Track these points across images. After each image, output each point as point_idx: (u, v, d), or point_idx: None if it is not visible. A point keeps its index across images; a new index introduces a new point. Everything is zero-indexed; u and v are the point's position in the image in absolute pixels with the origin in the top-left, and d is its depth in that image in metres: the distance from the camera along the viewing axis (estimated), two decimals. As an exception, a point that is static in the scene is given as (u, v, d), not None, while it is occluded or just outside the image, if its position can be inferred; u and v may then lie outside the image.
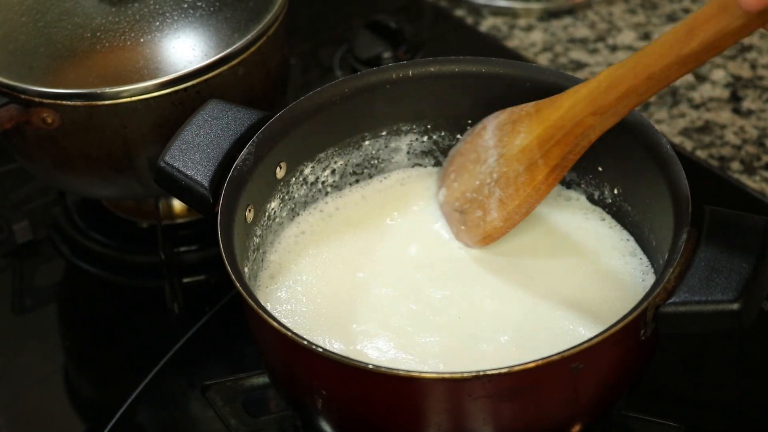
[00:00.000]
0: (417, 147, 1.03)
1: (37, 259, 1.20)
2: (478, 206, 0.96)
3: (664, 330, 0.82)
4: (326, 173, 1.00)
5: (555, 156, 0.92)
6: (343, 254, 0.97)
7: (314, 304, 0.93)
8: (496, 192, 0.95)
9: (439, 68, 0.98)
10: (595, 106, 0.88)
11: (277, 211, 0.97)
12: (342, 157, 1.00)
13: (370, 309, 0.93)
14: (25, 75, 1.05)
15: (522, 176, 0.93)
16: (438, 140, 1.02)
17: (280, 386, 0.91)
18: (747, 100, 1.27)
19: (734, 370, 1.03)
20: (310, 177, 0.99)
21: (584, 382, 0.82)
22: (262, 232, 0.95)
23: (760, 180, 1.19)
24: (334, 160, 1.00)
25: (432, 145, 1.02)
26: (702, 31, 0.80)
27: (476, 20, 1.41)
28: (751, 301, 0.80)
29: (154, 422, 1.05)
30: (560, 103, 0.91)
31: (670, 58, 0.83)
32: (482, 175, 0.95)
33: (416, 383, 0.79)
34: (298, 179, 0.98)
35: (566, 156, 0.92)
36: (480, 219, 0.95)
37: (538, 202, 0.95)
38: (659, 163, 0.89)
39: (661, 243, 0.89)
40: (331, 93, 0.97)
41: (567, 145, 0.91)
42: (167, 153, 0.93)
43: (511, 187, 0.94)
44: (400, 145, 1.02)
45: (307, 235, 0.99)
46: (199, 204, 0.92)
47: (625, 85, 0.86)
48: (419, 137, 1.02)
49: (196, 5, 1.09)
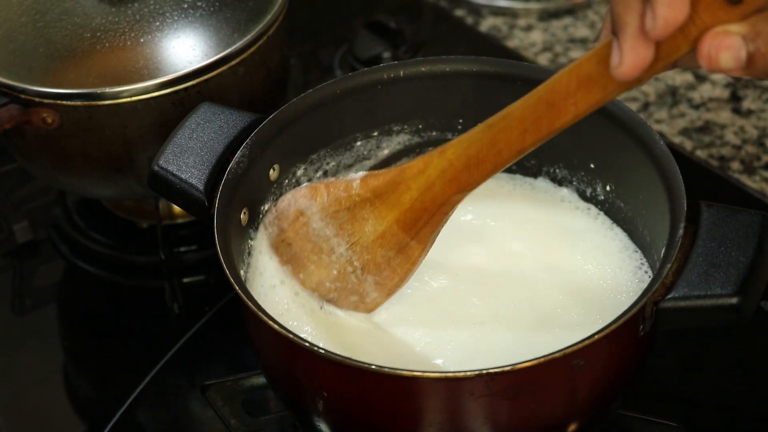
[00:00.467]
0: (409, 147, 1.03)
1: (37, 259, 1.20)
2: (350, 292, 0.93)
3: (663, 325, 0.82)
4: (318, 174, 1.00)
5: (427, 233, 0.90)
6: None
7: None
8: (369, 278, 0.92)
9: (430, 68, 0.98)
10: (457, 185, 0.86)
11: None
12: (334, 158, 1.00)
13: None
14: (25, 75, 1.05)
15: (396, 259, 0.91)
16: (430, 140, 1.02)
17: (278, 387, 0.91)
18: (747, 100, 1.27)
19: (734, 370, 1.03)
20: (303, 178, 0.99)
21: (584, 379, 0.82)
22: (257, 234, 0.95)
23: (760, 180, 1.19)
24: (326, 161, 1.00)
25: (424, 145, 1.03)
26: (571, 105, 0.77)
27: (476, 20, 1.41)
28: (750, 295, 0.80)
29: (154, 422, 1.05)
30: (406, 186, 0.88)
31: (536, 135, 0.80)
32: (338, 264, 0.92)
33: (419, 383, 0.79)
34: (291, 181, 0.98)
35: (439, 226, 0.90)
36: (358, 302, 0.93)
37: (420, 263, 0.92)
38: (653, 158, 0.89)
39: (656, 239, 0.90)
40: (322, 94, 0.97)
41: (437, 221, 0.89)
42: (161, 157, 0.93)
43: (386, 270, 0.92)
44: (391, 146, 1.02)
45: None
46: (194, 207, 0.92)
47: (488, 163, 0.83)
48: (411, 137, 1.02)
49: (196, 5, 1.09)
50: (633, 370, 0.86)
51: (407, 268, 0.92)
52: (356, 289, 0.92)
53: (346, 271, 0.92)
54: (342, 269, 0.92)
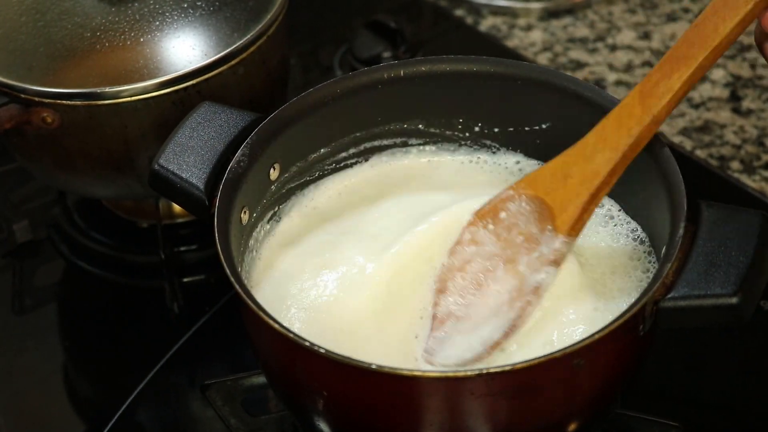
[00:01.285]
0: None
1: (37, 259, 1.20)
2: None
3: (663, 325, 0.82)
4: (318, 174, 1.00)
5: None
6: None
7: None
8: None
9: (430, 67, 0.98)
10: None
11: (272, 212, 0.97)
12: (334, 158, 1.00)
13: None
14: (25, 75, 1.05)
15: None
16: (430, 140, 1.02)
17: (278, 387, 0.91)
18: (747, 100, 1.27)
19: (734, 370, 1.03)
20: (303, 178, 0.99)
21: (584, 378, 0.82)
22: (257, 234, 0.95)
23: (759, 179, 1.19)
24: (326, 161, 1.00)
25: (424, 144, 1.03)
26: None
27: (476, 20, 1.41)
28: (750, 294, 0.80)
29: (154, 422, 1.05)
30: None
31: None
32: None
33: (419, 382, 0.79)
34: (291, 180, 0.98)
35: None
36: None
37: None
38: (653, 158, 0.89)
39: (656, 238, 0.90)
40: (323, 94, 0.97)
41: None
42: (161, 156, 0.93)
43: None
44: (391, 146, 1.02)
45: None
46: (195, 206, 0.92)
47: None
48: (411, 137, 1.02)
49: (196, 5, 1.09)
50: (633, 369, 0.86)
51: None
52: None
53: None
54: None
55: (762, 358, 1.03)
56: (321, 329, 0.90)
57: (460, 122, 1.00)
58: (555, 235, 0.89)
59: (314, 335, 0.89)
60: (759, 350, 1.03)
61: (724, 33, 0.85)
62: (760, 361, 1.03)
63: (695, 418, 0.98)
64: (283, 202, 0.98)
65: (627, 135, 0.87)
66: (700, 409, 1.00)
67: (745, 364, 1.03)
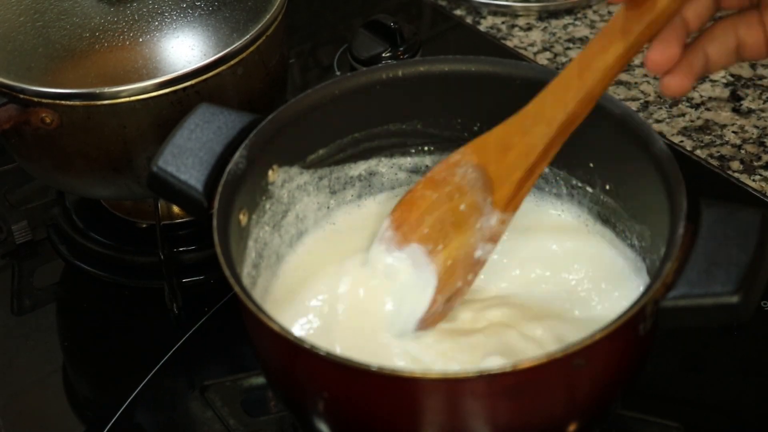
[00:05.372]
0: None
1: (36, 260, 1.20)
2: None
3: (663, 324, 0.82)
4: (317, 175, 1.00)
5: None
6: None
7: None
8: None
9: (429, 68, 0.98)
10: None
11: (270, 213, 0.97)
12: (333, 158, 1.00)
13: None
14: (24, 75, 1.05)
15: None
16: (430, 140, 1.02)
17: (278, 388, 0.91)
18: (747, 100, 1.27)
19: (734, 370, 1.03)
20: (302, 178, 0.99)
21: (584, 379, 0.82)
22: (255, 235, 0.95)
23: (760, 179, 1.19)
24: (325, 162, 1.00)
25: (424, 144, 1.02)
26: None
27: (475, 20, 1.41)
28: (751, 294, 0.80)
29: (154, 422, 1.05)
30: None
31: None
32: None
33: (419, 383, 0.79)
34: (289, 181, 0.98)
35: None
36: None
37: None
38: (653, 158, 0.89)
39: (656, 238, 0.90)
40: (321, 94, 0.96)
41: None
42: (160, 158, 0.93)
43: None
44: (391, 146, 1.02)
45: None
46: (193, 208, 0.92)
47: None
48: (410, 137, 1.02)
49: (195, 5, 1.09)
50: (633, 370, 0.86)
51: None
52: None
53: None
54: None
55: (762, 358, 1.03)
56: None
57: (459, 122, 1.00)
58: (493, 210, 0.89)
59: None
60: (759, 350, 1.03)
61: (662, 7, 0.83)
62: (760, 361, 1.03)
63: (695, 419, 0.98)
64: (283, 205, 0.99)
65: (563, 110, 0.87)
66: (700, 409, 1.00)
67: (745, 364, 1.03)
